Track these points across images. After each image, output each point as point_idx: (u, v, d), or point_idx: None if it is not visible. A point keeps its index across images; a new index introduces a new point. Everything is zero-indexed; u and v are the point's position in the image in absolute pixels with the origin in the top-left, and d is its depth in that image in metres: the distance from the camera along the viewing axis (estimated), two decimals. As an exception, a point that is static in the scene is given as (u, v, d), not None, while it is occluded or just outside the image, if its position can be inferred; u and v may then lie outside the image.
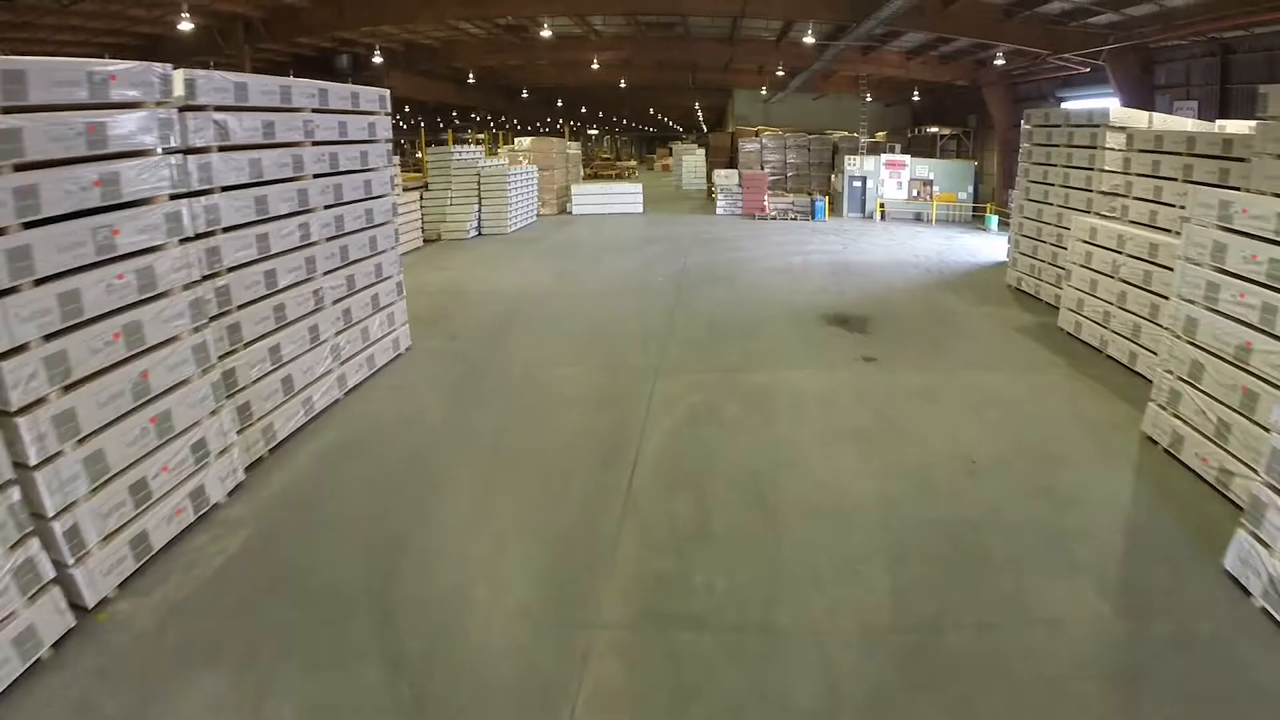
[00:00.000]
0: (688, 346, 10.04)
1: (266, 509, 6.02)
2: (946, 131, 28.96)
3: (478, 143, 30.21)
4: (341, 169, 8.21)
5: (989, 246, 19.17)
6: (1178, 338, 7.00)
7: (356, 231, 8.52)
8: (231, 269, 6.66)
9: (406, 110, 43.16)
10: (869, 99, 28.33)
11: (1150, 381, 8.70)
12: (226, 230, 6.61)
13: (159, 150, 5.55)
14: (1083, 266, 10.51)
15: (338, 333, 8.17)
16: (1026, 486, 6.14)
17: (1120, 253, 9.67)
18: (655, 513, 5.62)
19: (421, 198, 21.17)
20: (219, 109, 6.52)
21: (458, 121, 48.13)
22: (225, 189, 6.59)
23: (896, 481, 6.12)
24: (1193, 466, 6.56)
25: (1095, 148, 11.68)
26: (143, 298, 5.37)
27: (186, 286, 5.78)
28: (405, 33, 22.75)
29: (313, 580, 4.97)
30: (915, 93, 26.07)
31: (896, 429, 7.19)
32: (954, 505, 5.77)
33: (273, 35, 20.05)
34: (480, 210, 21.47)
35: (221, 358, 6.43)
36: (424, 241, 19.86)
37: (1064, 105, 21.44)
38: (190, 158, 6.14)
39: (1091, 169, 11.75)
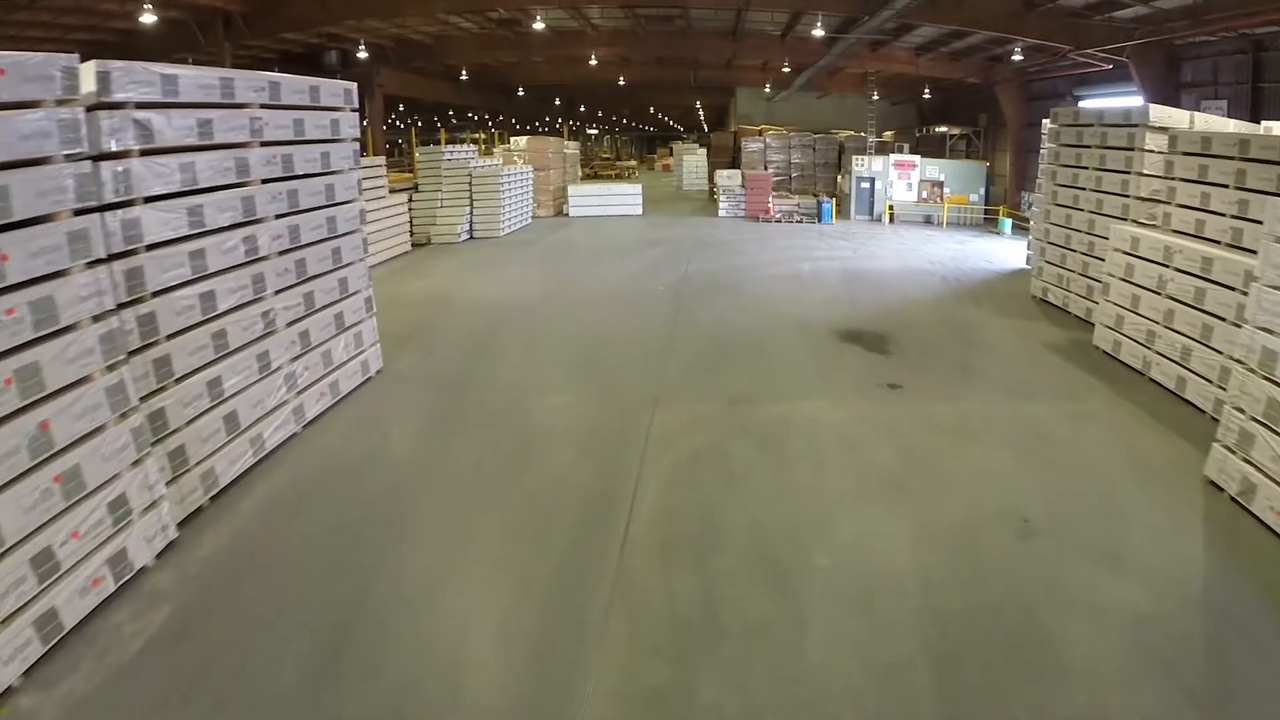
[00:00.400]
0: (690, 369, 9.10)
1: (197, 577, 5.11)
2: (956, 131, 27.98)
3: (474, 142, 29.34)
4: (297, 172, 7.27)
5: (1005, 251, 18.22)
6: (1252, 372, 6.07)
7: (316, 243, 7.58)
8: (158, 293, 5.72)
9: (402, 109, 42.31)
10: (876, 97, 27.37)
11: (1203, 411, 7.82)
12: (151, 248, 5.67)
13: (60, 157, 4.63)
14: (1123, 280, 9.57)
15: (293, 359, 7.24)
16: (1087, 551, 5.20)
17: (1168, 266, 8.73)
18: (651, 595, 4.67)
19: (410, 199, 20.26)
20: (142, 106, 5.58)
21: (455, 121, 47.18)
22: (149, 199, 5.65)
23: (938, 549, 5.16)
24: (1266, 521, 5.64)
25: (1133, 149, 10.72)
26: (40, 334, 4.45)
27: (97, 318, 4.87)
28: (394, 28, 21.81)
29: (235, 683, 4.05)
30: (926, 90, 25.05)
31: (932, 476, 6.24)
32: (1008, 582, 4.82)
33: (254, 30, 19.15)
34: (472, 213, 20.52)
35: (146, 398, 5.53)
36: (412, 245, 18.93)
37: (1081, 104, 20.52)
38: (104, 164, 5.22)
39: (1128, 173, 10.79)
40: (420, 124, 43.28)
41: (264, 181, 6.79)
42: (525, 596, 4.74)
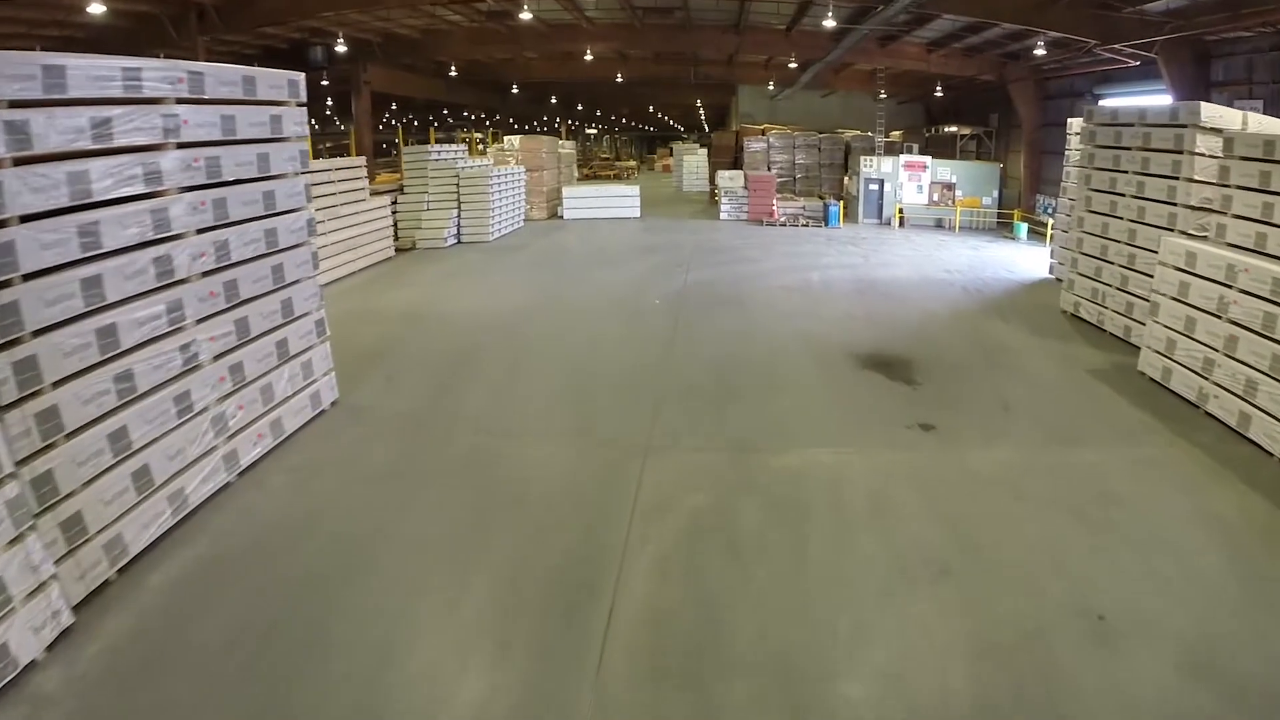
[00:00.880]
0: (688, 405, 7.94)
1: (90, 677, 4.14)
2: (966, 131, 26.90)
3: (465, 141, 28.27)
4: (226, 178, 6.21)
5: (1024, 258, 17.16)
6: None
7: (251, 260, 6.52)
8: (40, 331, 4.68)
9: (395, 108, 41.17)
10: (883, 95, 26.28)
11: (1270, 454, 6.80)
12: (29, 277, 4.63)
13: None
14: (1175, 300, 8.51)
15: (223, 398, 6.19)
16: (1179, 662, 4.14)
17: (1231, 287, 7.67)
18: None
19: (395, 201, 19.20)
20: (16, 105, 4.54)
21: (452, 120, 46.04)
22: (27, 218, 4.61)
23: (998, 666, 4.06)
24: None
25: (1181, 153, 9.66)
26: None
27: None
28: (379, 21, 20.76)
29: None
30: (939, 88, 23.93)
31: (981, 553, 5.14)
32: (1092, 715, 3.77)
33: (229, 24, 18.13)
34: (459, 216, 19.46)
35: (28, 460, 4.51)
36: (395, 251, 17.87)
37: (1101, 103, 19.46)
38: (-43, 174, 4.18)
39: (1176, 178, 9.73)
40: (417, 123, 42.16)
41: (182, 190, 5.73)
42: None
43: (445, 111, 44.52)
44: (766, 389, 8.35)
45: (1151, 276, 9.22)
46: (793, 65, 21.54)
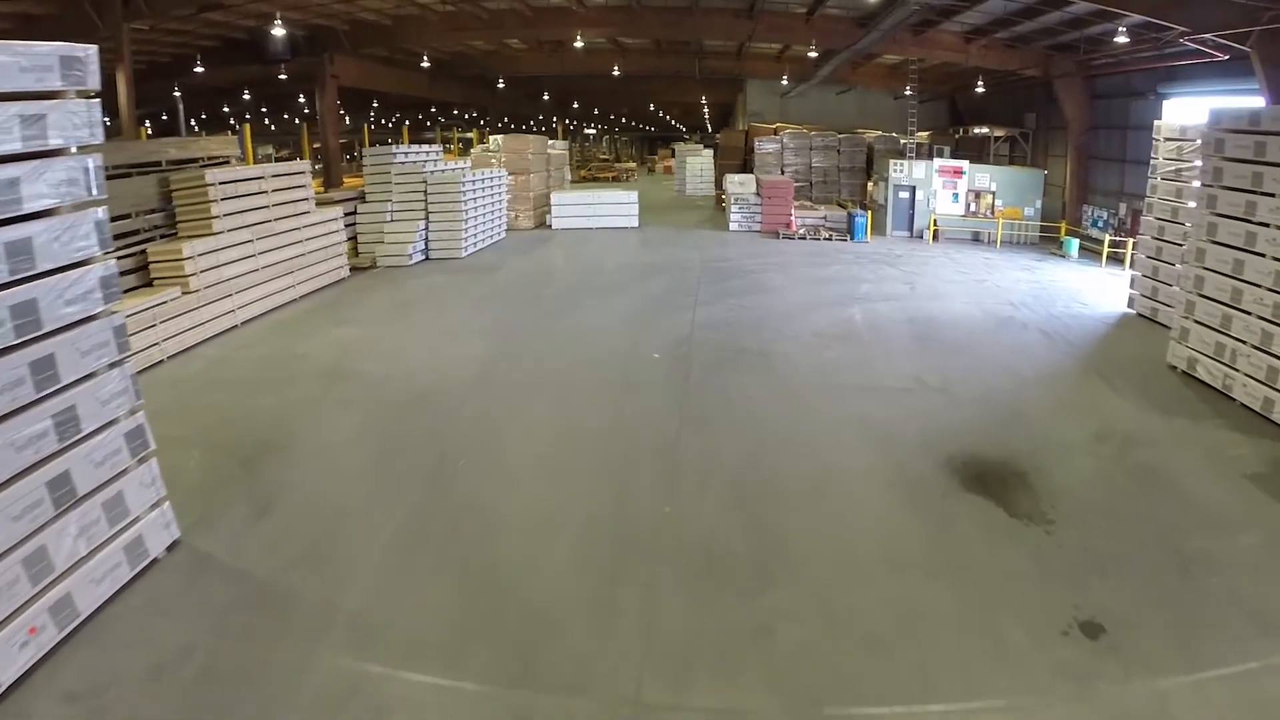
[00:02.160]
0: (701, 596, 4.83)
1: None
2: (1000, 133, 24.18)
3: (445, 142, 25.69)
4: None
5: (1088, 284, 14.57)
6: None
7: (-21, 359, 3.93)
8: None
9: (376, 105, 38.42)
10: (909, 91, 23.58)
11: None
12: None
13: None
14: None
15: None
16: None
17: None
18: None
19: (356, 211, 16.60)
20: None
21: (443, 120, 43.35)
22: None
23: None
24: None
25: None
26: None
27: None
28: (341, 5, 18.14)
29: None
30: (979, 83, 21.19)
31: None
32: None
33: (155, 8, 15.70)
34: (427, 228, 16.82)
35: None
36: (351, 271, 15.26)
37: (1166, 104, 16.88)
38: None
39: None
40: (409, 124, 39.41)
41: None
42: None
43: (434, 110, 41.87)
44: (828, 548, 5.42)
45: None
46: (814, 54, 18.86)
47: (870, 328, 11.07)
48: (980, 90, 22.63)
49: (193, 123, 32.52)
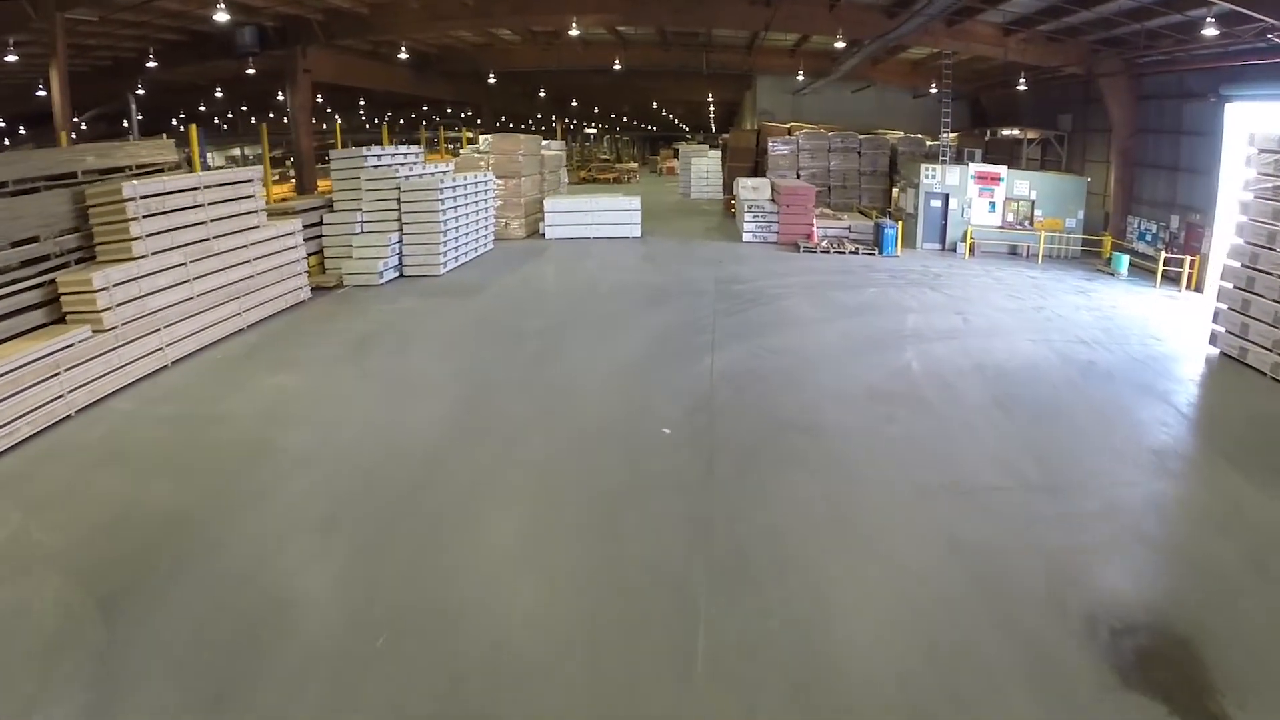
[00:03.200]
0: None
1: None
2: (1033, 135, 22.17)
3: (436, 143, 23.81)
4: None
5: (1149, 310, 12.72)
6: None
7: None
8: None
9: (364, 103, 36.45)
10: (935, 89, 21.60)
11: None
12: None
13: None
14: None
15: None
16: None
17: None
18: None
19: (322, 221, 14.71)
20: None
21: (437, 120, 41.36)
22: None
23: None
24: None
25: None
26: None
27: None
28: (309, -11, 16.26)
29: None
30: (1023, 79, 19.14)
31: None
32: None
33: (97, -1, 13.74)
34: (401, 241, 14.91)
35: None
36: (313, 291, 13.37)
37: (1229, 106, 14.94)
38: None
39: None
40: (386, 122, 37.40)
41: None
42: None
43: (426, 109, 39.91)
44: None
45: None
46: (840, 44, 16.89)
47: (934, 381, 8.94)
48: (1006, 89, 20.67)
49: (175, 125, 30.54)
